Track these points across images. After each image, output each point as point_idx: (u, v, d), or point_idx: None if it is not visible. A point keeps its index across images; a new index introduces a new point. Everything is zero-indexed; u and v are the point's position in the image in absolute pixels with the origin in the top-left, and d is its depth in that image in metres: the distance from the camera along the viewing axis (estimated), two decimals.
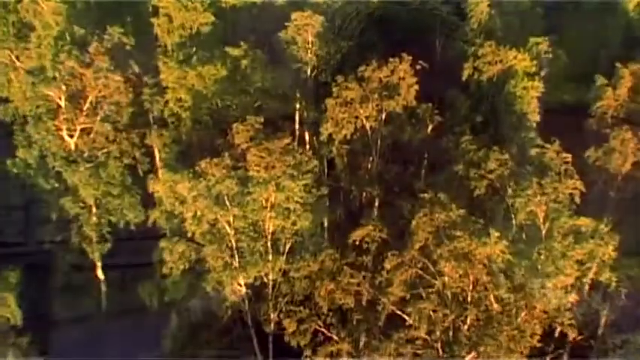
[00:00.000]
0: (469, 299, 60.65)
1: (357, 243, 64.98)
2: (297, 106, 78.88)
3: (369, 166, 72.60)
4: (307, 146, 77.53)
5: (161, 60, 76.27)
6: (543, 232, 63.52)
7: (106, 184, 74.53)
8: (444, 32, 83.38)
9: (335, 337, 65.90)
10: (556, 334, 68.05)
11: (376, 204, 72.55)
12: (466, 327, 60.95)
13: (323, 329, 65.96)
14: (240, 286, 66.86)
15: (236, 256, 65.38)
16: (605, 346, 72.52)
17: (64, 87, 72.45)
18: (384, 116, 70.73)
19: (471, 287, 60.27)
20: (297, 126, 79.87)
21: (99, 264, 78.56)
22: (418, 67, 70.80)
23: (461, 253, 59.42)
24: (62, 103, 72.69)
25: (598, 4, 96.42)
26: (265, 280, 66.93)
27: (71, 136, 73.22)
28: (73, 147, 73.55)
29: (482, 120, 74.78)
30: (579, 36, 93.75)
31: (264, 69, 74.96)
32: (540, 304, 61.64)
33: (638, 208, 73.01)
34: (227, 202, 63.77)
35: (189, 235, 65.81)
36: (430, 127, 73.16)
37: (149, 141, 77.04)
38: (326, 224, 74.25)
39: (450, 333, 61.11)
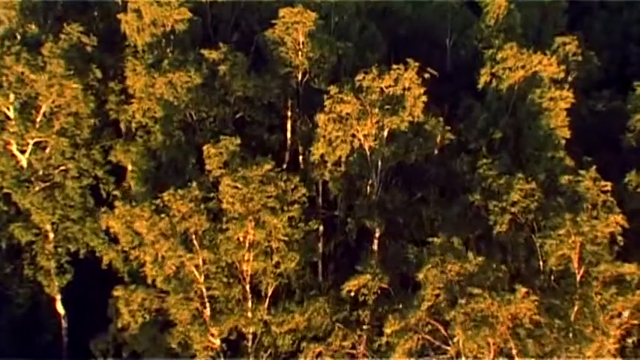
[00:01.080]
0: None
1: (353, 294, 50.78)
2: (288, 116, 66.42)
3: (368, 192, 59.87)
4: (299, 167, 63.83)
5: (129, 62, 63.14)
6: (578, 279, 50.97)
7: (64, 207, 64.25)
8: (456, 30, 71.27)
9: None
10: None
11: (377, 236, 58.76)
12: None
13: None
14: (214, 336, 53.47)
15: (207, 306, 53.49)
16: None
17: (12, 95, 62.83)
18: (385, 134, 58.32)
19: (491, 356, 47.14)
20: (288, 136, 67.17)
21: (58, 297, 65.34)
22: (427, 75, 56.94)
23: (479, 316, 45.24)
24: (11, 114, 63.18)
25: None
26: (244, 331, 54.93)
27: (22, 152, 63.70)
28: (24, 165, 63.79)
29: (502, 136, 62.03)
30: (605, 34, 79.92)
31: (247, 75, 62.50)
32: None
33: None
34: (195, 242, 52.29)
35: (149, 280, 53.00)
36: (440, 143, 60.43)
37: (113, 157, 64.70)
38: (318, 260, 60.90)
39: None
